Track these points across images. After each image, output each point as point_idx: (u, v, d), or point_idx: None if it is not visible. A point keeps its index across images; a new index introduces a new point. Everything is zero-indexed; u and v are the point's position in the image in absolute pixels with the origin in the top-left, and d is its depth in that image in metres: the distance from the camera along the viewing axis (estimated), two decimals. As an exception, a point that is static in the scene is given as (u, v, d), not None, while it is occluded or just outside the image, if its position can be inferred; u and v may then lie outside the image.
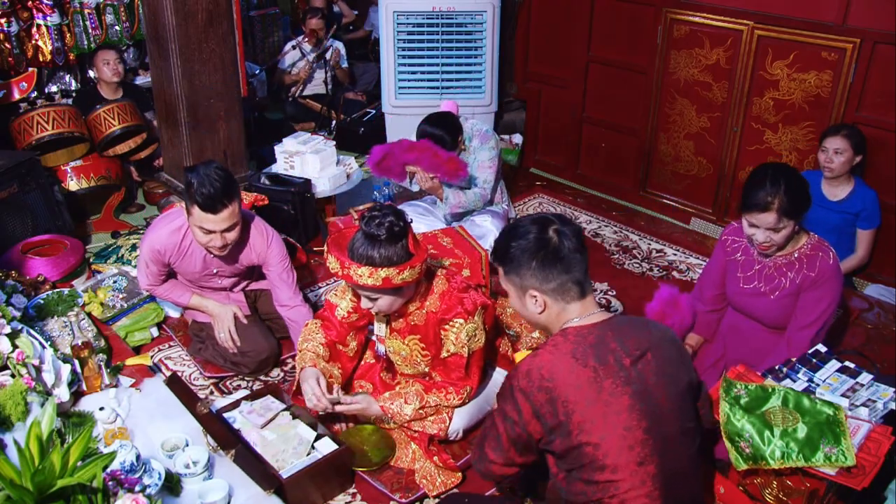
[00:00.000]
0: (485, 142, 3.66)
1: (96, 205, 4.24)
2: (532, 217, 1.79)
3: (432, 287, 2.38)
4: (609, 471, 1.58)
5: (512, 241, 1.75)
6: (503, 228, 1.84)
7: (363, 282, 2.16)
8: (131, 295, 3.07)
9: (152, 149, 4.30)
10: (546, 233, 1.72)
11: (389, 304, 2.28)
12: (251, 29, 6.23)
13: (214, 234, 2.52)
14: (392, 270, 2.15)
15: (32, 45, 4.36)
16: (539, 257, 1.70)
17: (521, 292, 1.76)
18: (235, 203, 2.50)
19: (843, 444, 1.89)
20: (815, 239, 2.41)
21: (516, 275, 1.75)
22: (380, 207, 2.21)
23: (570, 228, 1.74)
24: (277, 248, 2.80)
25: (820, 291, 2.35)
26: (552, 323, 1.77)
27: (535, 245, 1.71)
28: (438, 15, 4.49)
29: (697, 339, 2.75)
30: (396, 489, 2.36)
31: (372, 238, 2.15)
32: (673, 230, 4.21)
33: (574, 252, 1.71)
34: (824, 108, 3.64)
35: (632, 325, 1.74)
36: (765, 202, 2.27)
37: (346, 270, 2.17)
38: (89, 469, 1.61)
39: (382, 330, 2.50)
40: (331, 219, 3.84)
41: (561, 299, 1.73)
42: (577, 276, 1.71)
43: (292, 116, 5.60)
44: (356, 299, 2.44)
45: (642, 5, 4.17)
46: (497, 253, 1.80)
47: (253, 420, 2.44)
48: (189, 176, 2.46)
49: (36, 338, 2.36)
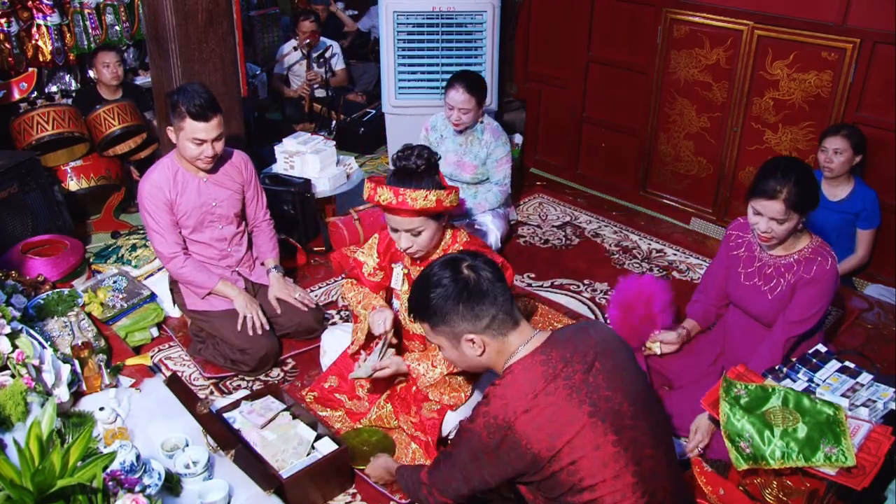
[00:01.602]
0: (497, 137, 3.67)
1: (96, 205, 4.24)
2: (438, 263, 1.75)
3: (456, 235, 2.44)
4: (588, 492, 1.58)
5: (429, 292, 1.70)
6: (414, 283, 1.79)
7: (419, 205, 2.19)
8: (131, 295, 3.07)
9: (152, 149, 4.30)
10: (460, 273, 1.68)
11: (430, 238, 2.32)
12: (251, 29, 6.23)
13: (206, 143, 2.71)
14: (442, 192, 2.22)
15: (32, 45, 4.36)
16: (463, 298, 1.66)
17: (456, 341, 1.71)
18: (220, 115, 2.73)
19: (843, 444, 1.89)
20: (816, 242, 2.41)
21: (445, 324, 1.70)
22: (407, 147, 2.28)
23: (479, 261, 1.71)
24: (251, 163, 3.08)
25: (811, 292, 2.35)
26: (494, 361, 1.73)
27: (454, 288, 1.67)
28: (438, 15, 4.48)
29: (693, 324, 2.75)
30: (396, 489, 2.36)
31: (411, 171, 2.23)
32: (673, 230, 4.21)
33: (494, 282, 1.68)
34: (824, 108, 3.64)
35: (573, 335, 1.70)
36: (773, 190, 2.27)
37: (401, 197, 2.20)
38: (89, 469, 1.61)
39: (399, 283, 2.52)
40: (331, 219, 3.84)
41: (498, 334, 1.69)
42: (505, 306, 1.68)
43: (292, 117, 5.61)
44: (381, 256, 2.53)
45: (642, 5, 4.17)
46: (418, 309, 1.75)
47: (253, 420, 2.44)
48: (175, 96, 2.69)
49: (36, 338, 2.36)
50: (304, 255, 3.70)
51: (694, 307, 2.79)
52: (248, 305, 2.93)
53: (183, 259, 2.89)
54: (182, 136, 2.72)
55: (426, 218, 2.26)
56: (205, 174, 2.88)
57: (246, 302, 2.94)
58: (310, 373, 2.95)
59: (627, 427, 1.61)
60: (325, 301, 3.45)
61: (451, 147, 3.74)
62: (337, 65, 5.72)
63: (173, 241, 2.88)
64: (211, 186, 2.90)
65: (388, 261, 2.56)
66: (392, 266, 2.53)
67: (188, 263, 2.90)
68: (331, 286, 3.58)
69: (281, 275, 3.13)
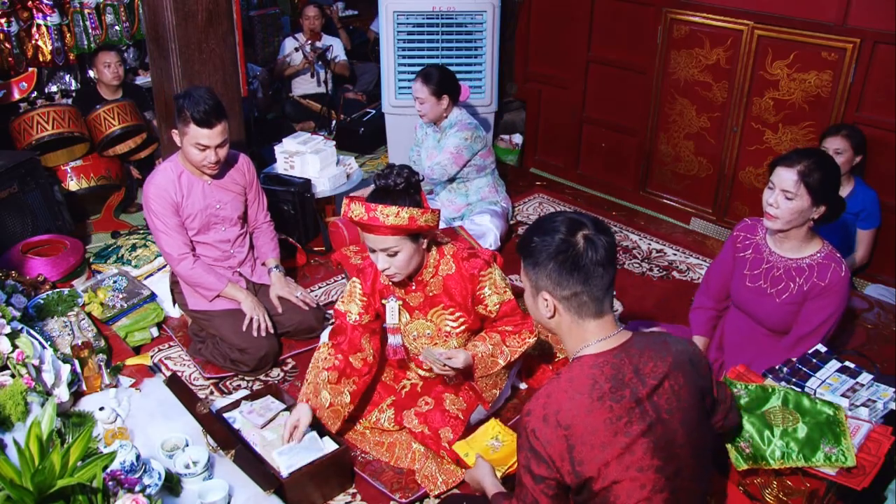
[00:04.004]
0: (461, 130, 3.66)
1: (96, 205, 4.24)
2: (568, 215, 1.65)
3: (443, 250, 2.41)
4: None
5: (536, 235, 1.62)
6: (536, 221, 1.73)
7: (390, 222, 2.16)
8: (131, 295, 3.07)
9: (152, 149, 4.30)
10: (574, 236, 1.59)
11: (407, 261, 2.27)
12: (251, 29, 6.23)
13: (209, 149, 2.72)
14: (415, 210, 2.19)
15: (32, 45, 4.36)
16: (558, 260, 1.58)
17: (535, 291, 1.66)
18: (225, 121, 2.73)
19: (843, 444, 1.89)
20: (828, 248, 2.37)
21: (532, 270, 1.64)
22: (390, 166, 2.27)
23: (602, 238, 1.59)
24: (253, 165, 3.11)
25: (825, 301, 2.32)
26: (564, 335, 1.67)
27: (557, 246, 1.59)
28: (438, 15, 4.49)
29: (705, 342, 2.69)
30: (396, 489, 2.36)
31: (388, 189, 2.21)
32: (673, 230, 4.21)
33: (596, 265, 1.57)
34: (824, 108, 3.64)
35: (651, 346, 1.62)
36: (791, 159, 2.26)
37: (371, 213, 2.17)
38: (89, 469, 1.61)
39: (396, 317, 2.46)
40: (331, 219, 3.84)
41: (574, 312, 1.61)
42: (595, 292, 1.59)
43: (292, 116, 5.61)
44: (365, 298, 2.47)
45: (642, 5, 4.17)
46: (521, 242, 1.69)
47: (253, 420, 2.44)
48: (181, 101, 2.69)
49: (36, 338, 2.36)
50: (304, 255, 3.70)
51: (698, 317, 2.71)
52: (256, 308, 2.94)
53: (192, 261, 2.89)
54: (186, 141, 2.74)
55: (402, 237, 2.21)
56: (209, 177, 2.89)
57: (253, 304, 2.95)
58: (310, 373, 2.94)
59: (675, 455, 1.55)
60: (326, 301, 3.45)
61: (431, 143, 3.80)
62: (338, 58, 5.72)
63: (182, 243, 2.87)
64: (215, 189, 2.91)
65: (377, 300, 2.49)
66: (383, 303, 2.47)
67: (197, 265, 2.90)
68: (331, 286, 3.58)
69: (282, 274, 3.13)
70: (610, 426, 1.51)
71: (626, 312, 3.40)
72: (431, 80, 3.58)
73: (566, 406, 1.53)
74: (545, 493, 1.56)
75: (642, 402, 1.54)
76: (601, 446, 1.50)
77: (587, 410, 1.52)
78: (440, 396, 2.48)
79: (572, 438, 1.51)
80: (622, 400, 1.53)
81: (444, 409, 2.43)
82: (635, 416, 1.52)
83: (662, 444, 1.53)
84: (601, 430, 1.50)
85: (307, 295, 3.12)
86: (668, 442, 1.54)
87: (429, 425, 2.40)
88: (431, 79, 3.58)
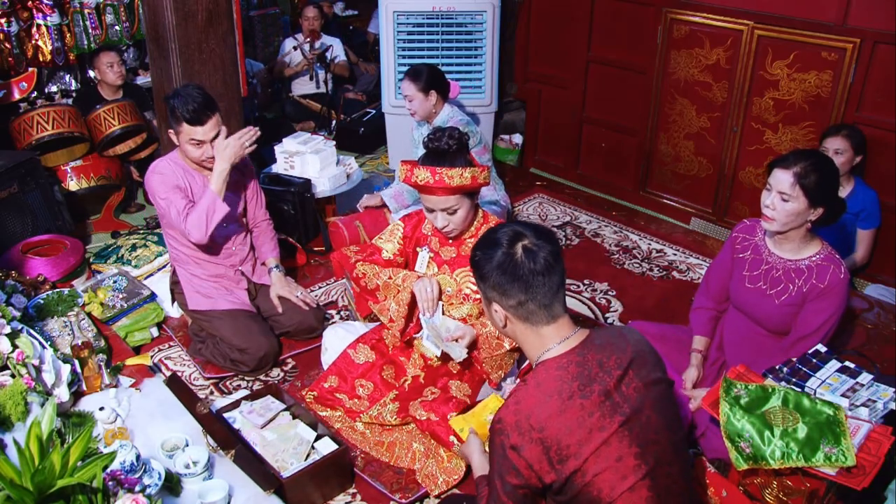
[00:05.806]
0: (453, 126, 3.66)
1: (96, 205, 4.24)
2: (511, 226, 1.69)
3: (487, 215, 2.52)
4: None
5: (479, 249, 1.69)
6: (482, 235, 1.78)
7: (455, 182, 2.26)
8: (131, 295, 3.07)
9: (152, 149, 4.30)
10: (513, 247, 1.63)
11: (465, 216, 2.40)
12: (251, 29, 6.23)
13: (205, 144, 2.74)
14: (475, 170, 2.30)
15: (32, 45, 4.35)
16: (499, 271, 1.62)
17: (487, 302, 1.71)
18: (217, 113, 2.74)
19: (843, 444, 1.89)
20: (828, 250, 2.37)
21: (481, 283, 1.70)
22: (438, 129, 2.35)
23: (544, 248, 1.62)
24: (251, 164, 3.12)
25: (825, 303, 2.31)
26: (522, 342, 1.70)
27: (497, 258, 1.63)
28: (438, 15, 4.49)
29: (705, 342, 2.68)
30: (396, 489, 2.36)
31: (443, 152, 2.31)
32: (673, 230, 4.21)
33: (536, 274, 1.60)
34: (824, 108, 3.64)
35: (611, 339, 1.67)
36: (787, 161, 2.27)
37: (438, 176, 2.27)
38: (89, 469, 1.61)
39: (424, 267, 2.56)
40: (331, 219, 3.84)
41: (524, 320, 1.64)
42: (541, 300, 1.61)
43: (292, 116, 5.61)
44: (403, 242, 2.58)
45: (642, 5, 4.17)
46: (470, 256, 1.75)
47: (253, 420, 2.45)
48: (171, 101, 2.70)
49: (36, 338, 2.36)
50: (304, 255, 3.70)
51: (699, 317, 2.71)
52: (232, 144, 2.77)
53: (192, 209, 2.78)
54: (182, 139, 2.76)
55: (461, 196, 2.34)
56: (208, 171, 2.87)
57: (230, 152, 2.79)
58: (310, 373, 2.95)
59: (651, 441, 1.58)
60: (326, 301, 3.45)
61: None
62: (338, 58, 5.72)
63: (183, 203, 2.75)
64: None
65: (412, 245, 2.60)
66: (417, 251, 2.57)
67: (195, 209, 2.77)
68: (331, 286, 3.58)
69: (282, 273, 3.13)
70: (584, 423, 1.54)
71: (626, 312, 3.40)
72: (419, 77, 3.60)
73: (537, 410, 1.55)
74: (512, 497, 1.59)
75: (611, 394, 1.57)
76: (578, 444, 1.53)
77: (559, 411, 1.54)
78: (446, 385, 2.52)
79: (548, 441, 1.53)
80: (592, 395, 1.56)
81: (450, 396, 2.45)
82: (607, 408, 1.55)
83: (638, 431, 1.57)
84: (576, 428, 1.53)
85: (307, 295, 3.13)
86: (644, 428, 1.58)
87: (436, 411, 2.41)
88: (419, 75, 3.60)
